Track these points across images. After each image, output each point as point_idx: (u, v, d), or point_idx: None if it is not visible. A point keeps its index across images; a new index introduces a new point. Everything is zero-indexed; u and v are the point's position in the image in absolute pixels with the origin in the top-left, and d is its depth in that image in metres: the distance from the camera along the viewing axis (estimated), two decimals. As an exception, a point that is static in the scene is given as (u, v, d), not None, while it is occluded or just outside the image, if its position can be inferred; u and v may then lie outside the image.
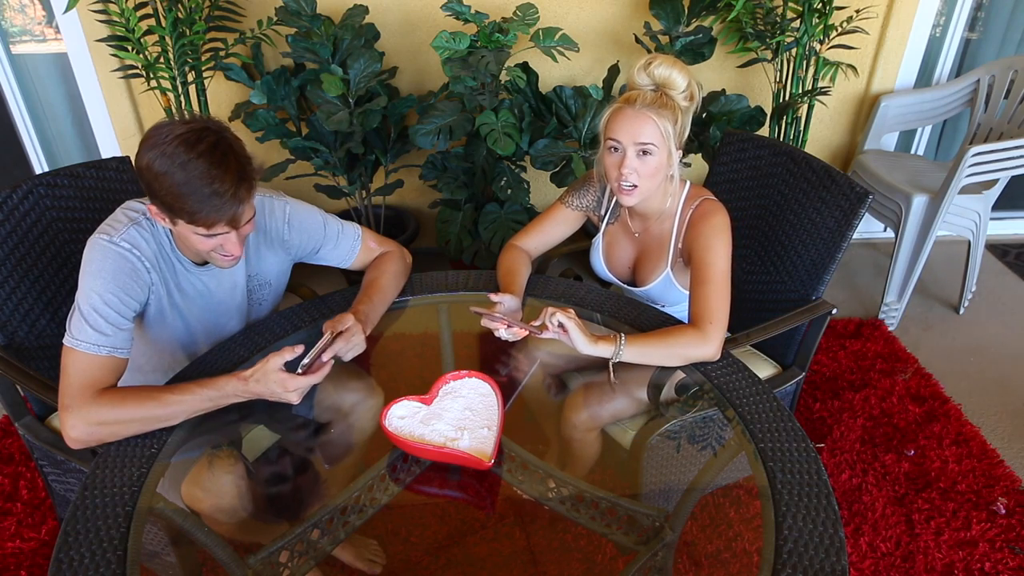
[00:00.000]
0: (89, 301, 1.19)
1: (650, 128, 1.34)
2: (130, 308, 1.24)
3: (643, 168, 1.37)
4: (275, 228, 1.42)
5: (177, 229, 1.21)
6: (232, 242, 1.21)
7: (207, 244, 1.21)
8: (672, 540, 1.07)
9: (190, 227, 1.17)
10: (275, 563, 1.04)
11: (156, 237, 1.29)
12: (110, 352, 1.20)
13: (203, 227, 1.16)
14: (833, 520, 1.00)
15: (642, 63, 1.36)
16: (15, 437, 2.08)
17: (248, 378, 1.17)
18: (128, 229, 1.25)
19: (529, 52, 2.47)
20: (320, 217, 1.49)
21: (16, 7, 2.73)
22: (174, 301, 1.35)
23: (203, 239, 1.20)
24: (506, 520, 1.14)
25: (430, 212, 2.94)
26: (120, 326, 1.21)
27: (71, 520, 1.02)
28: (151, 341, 1.40)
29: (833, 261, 1.57)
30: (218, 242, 1.21)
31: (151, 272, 1.27)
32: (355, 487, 1.17)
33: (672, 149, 1.37)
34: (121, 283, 1.22)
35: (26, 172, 3.02)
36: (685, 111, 1.38)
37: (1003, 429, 2.18)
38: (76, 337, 1.18)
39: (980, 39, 3.01)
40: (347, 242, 1.53)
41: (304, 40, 2.36)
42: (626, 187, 1.38)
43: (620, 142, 1.36)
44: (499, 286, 1.51)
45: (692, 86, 1.38)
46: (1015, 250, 3.23)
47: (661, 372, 1.36)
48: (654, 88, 1.36)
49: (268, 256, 1.45)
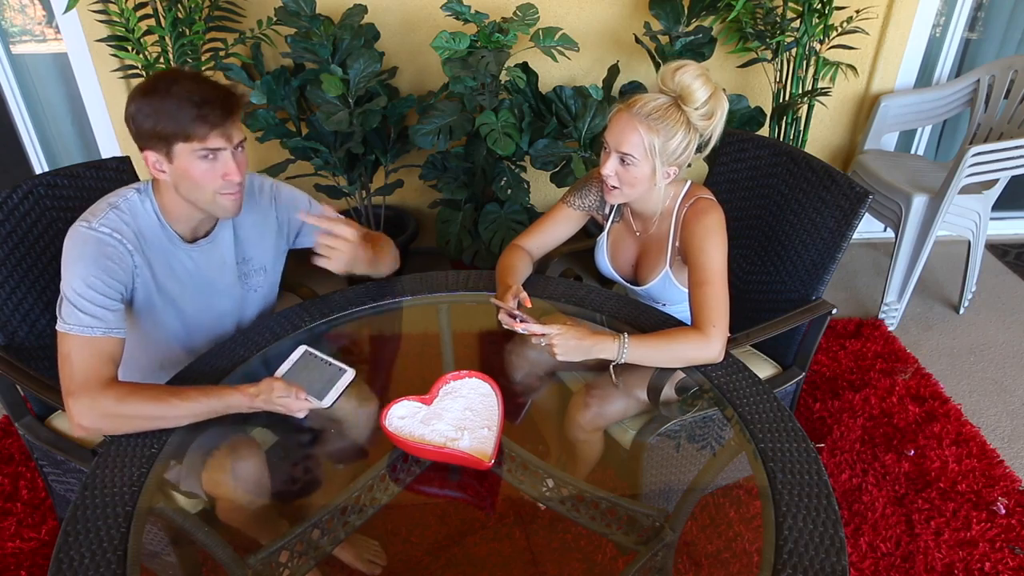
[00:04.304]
0: (72, 286, 1.20)
1: (634, 139, 1.33)
2: (115, 291, 1.24)
3: (623, 174, 1.38)
4: (263, 202, 1.46)
5: (176, 167, 1.22)
6: (231, 164, 1.24)
7: (209, 174, 1.23)
8: (672, 540, 1.07)
9: (188, 149, 1.20)
10: (275, 563, 1.04)
11: (137, 219, 1.30)
12: (105, 332, 1.21)
13: (199, 141, 1.19)
14: (833, 520, 1.00)
15: (673, 65, 1.32)
16: (15, 437, 2.08)
17: (254, 396, 1.19)
18: (107, 213, 1.27)
19: (529, 52, 2.47)
20: (306, 197, 1.54)
21: (16, 7, 2.73)
22: (162, 285, 1.35)
23: (204, 166, 1.22)
24: (506, 520, 1.14)
25: (430, 212, 2.94)
26: (108, 307, 1.22)
27: (71, 520, 1.02)
28: (146, 334, 1.40)
29: (833, 261, 1.57)
30: (220, 168, 1.23)
31: (134, 255, 1.28)
32: (355, 487, 1.17)
33: (657, 165, 1.35)
34: (103, 266, 1.23)
35: (26, 172, 3.02)
36: (696, 130, 1.34)
37: (1003, 429, 2.18)
38: (68, 322, 1.19)
39: (980, 39, 3.01)
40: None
41: (304, 40, 2.36)
42: (608, 186, 1.42)
43: (609, 144, 1.38)
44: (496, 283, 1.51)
45: (714, 105, 1.33)
46: (1015, 250, 3.23)
47: (661, 372, 1.36)
48: (672, 96, 1.33)
49: (260, 236, 1.46)
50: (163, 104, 1.17)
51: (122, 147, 2.82)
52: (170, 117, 1.17)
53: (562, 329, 1.27)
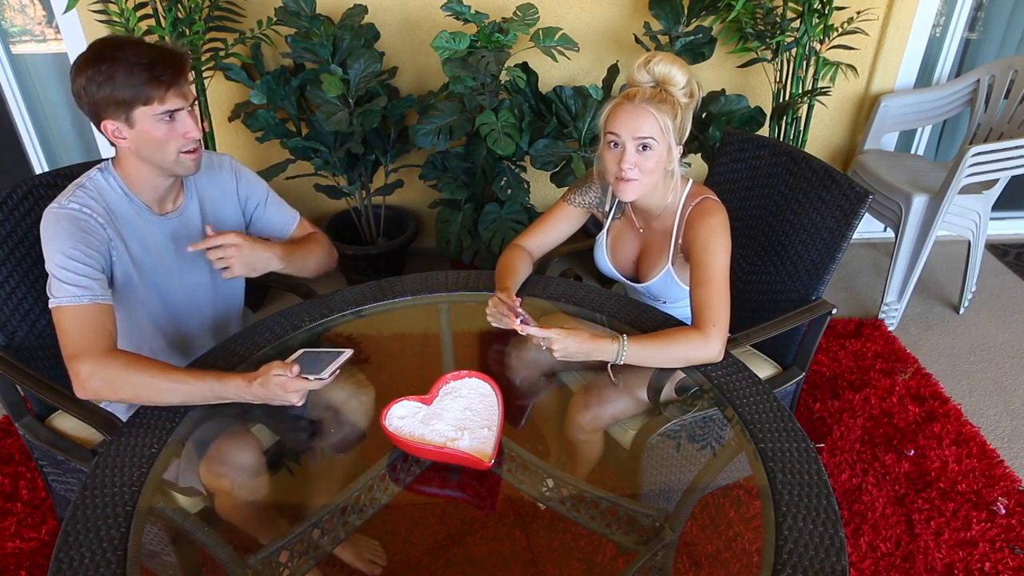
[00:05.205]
0: (54, 261, 1.23)
1: (650, 122, 1.34)
2: (95, 261, 1.26)
3: (643, 162, 1.37)
4: (225, 176, 1.50)
5: (136, 132, 1.25)
6: (189, 123, 1.27)
7: (169, 135, 1.26)
8: (672, 540, 1.07)
9: (148, 112, 1.22)
10: (275, 563, 1.04)
11: (104, 196, 1.33)
12: (92, 299, 1.23)
13: (157, 102, 1.22)
14: (833, 520, 1.00)
15: (642, 60, 1.37)
16: (15, 437, 2.08)
17: (252, 381, 1.19)
18: (75, 192, 1.30)
19: (529, 52, 2.47)
20: (263, 182, 1.58)
21: (16, 7, 2.73)
22: (137, 259, 1.37)
23: (164, 128, 1.24)
24: (506, 520, 1.14)
25: (430, 212, 2.94)
26: (92, 276, 1.25)
27: (71, 520, 1.02)
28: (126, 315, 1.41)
29: (833, 261, 1.57)
30: (179, 128, 1.26)
31: (106, 228, 1.30)
32: (355, 487, 1.17)
33: (672, 144, 1.38)
34: (79, 238, 1.25)
35: (26, 172, 3.02)
36: (685, 108, 1.38)
37: (1003, 429, 2.18)
38: (57, 295, 1.22)
39: (980, 39, 3.01)
40: (286, 210, 1.61)
41: (304, 40, 2.36)
42: (625, 182, 1.39)
43: (620, 137, 1.37)
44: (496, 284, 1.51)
45: (692, 83, 1.38)
46: (1015, 250, 3.23)
47: (661, 372, 1.36)
48: (654, 85, 1.37)
49: (223, 207, 1.50)
50: (113, 70, 1.18)
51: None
52: (124, 83, 1.19)
53: (561, 333, 1.27)
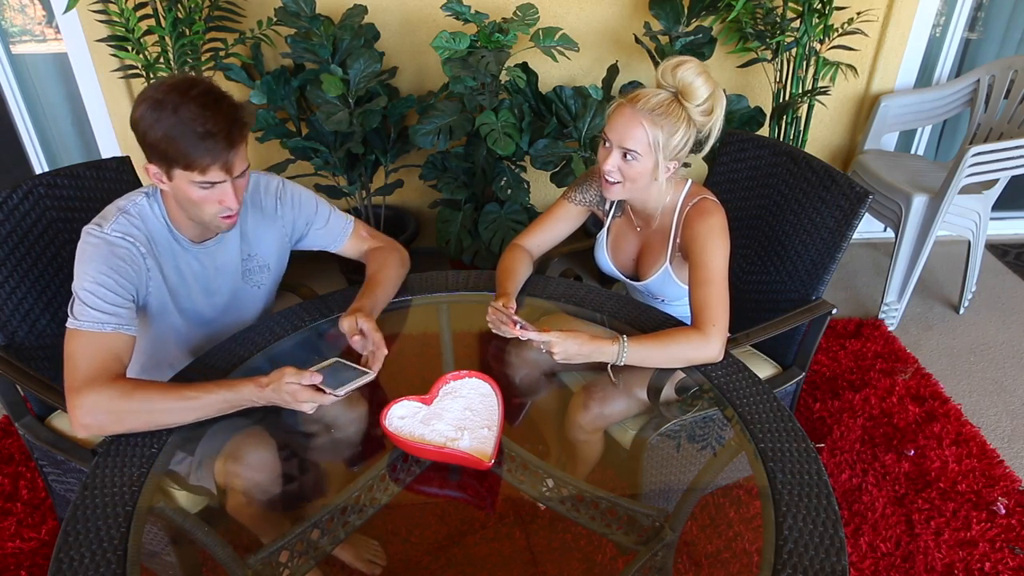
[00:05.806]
0: (84, 285, 1.20)
1: (638, 134, 1.33)
2: (127, 291, 1.24)
3: (626, 169, 1.38)
4: (269, 202, 1.45)
5: (174, 185, 1.22)
6: (229, 194, 1.22)
7: (207, 199, 1.22)
8: (672, 540, 1.07)
9: (187, 176, 1.18)
10: (275, 563, 1.04)
11: (147, 223, 1.30)
12: (116, 328, 1.19)
13: (199, 172, 1.17)
14: (833, 520, 1.00)
15: (673, 61, 1.33)
16: (15, 437, 2.08)
17: (265, 385, 1.17)
18: (118, 218, 1.26)
19: (529, 52, 2.47)
20: (313, 197, 1.53)
21: (16, 7, 2.73)
22: (172, 287, 1.35)
23: (202, 193, 1.21)
24: (506, 520, 1.14)
25: (430, 212, 2.94)
26: (120, 305, 1.22)
27: (71, 520, 1.02)
28: (146, 332, 1.39)
29: (833, 261, 1.57)
30: (217, 195, 1.22)
31: (146, 258, 1.28)
32: (355, 487, 1.17)
33: (660, 160, 1.36)
34: (114, 265, 1.22)
35: (26, 172, 3.02)
36: (696, 125, 1.35)
37: (1003, 429, 2.18)
38: (79, 318, 1.18)
39: (980, 39, 3.01)
40: (338, 223, 1.55)
41: (304, 40, 2.36)
42: (608, 182, 1.41)
43: (610, 139, 1.37)
44: (496, 285, 1.51)
45: (714, 102, 1.35)
46: (1015, 250, 3.23)
47: (661, 372, 1.36)
48: (672, 92, 1.34)
49: (265, 234, 1.46)
50: (168, 124, 1.14)
51: (122, 147, 2.82)
52: (172, 140, 1.15)
53: (561, 336, 1.27)
